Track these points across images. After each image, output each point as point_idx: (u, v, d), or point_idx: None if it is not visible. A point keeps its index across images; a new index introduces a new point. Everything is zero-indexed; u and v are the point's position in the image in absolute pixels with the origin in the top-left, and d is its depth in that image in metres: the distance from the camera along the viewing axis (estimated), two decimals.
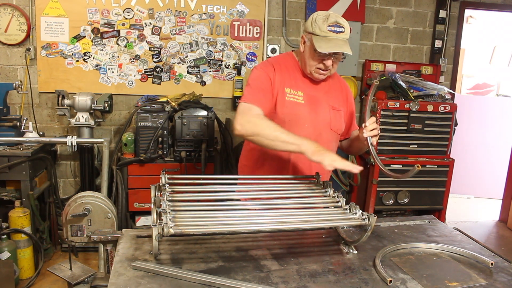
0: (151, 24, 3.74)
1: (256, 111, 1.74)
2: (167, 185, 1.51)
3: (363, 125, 1.73)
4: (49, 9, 3.57)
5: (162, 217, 1.26)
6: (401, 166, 3.62)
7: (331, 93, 1.96)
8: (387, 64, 4.10)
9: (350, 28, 1.84)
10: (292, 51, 1.99)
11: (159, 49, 3.80)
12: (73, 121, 3.35)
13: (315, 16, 1.80)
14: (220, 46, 3.89)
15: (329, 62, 1.80)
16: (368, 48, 4.17)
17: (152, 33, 3.76)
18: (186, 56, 3.85)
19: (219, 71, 3.93)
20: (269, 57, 3.93)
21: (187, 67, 3.87)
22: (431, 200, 3.75)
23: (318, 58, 1.79)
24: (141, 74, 3.81)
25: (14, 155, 2.96)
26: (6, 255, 2.80)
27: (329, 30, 1.74)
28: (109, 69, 3.75)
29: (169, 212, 1.29)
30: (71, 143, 3.21)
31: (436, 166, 3.68)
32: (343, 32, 1.75)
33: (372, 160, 1.73)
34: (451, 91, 3.92)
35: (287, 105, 1.85)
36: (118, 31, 3.71)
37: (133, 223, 3.41)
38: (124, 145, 3.34)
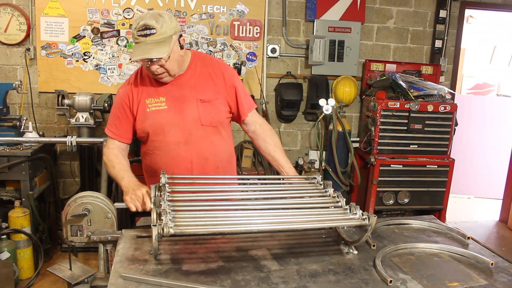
0: None
1: (112, 145, 1.89)
2: (167, 185, 1.51)
3: None
4: (49, 9, 3.56)
5: (162, 217, 1.26)
6: (401, 166, 3.62)
7: (198, 86, 1.84)
8: (387, 64, 4.09)
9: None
10: None
11: None
12: (73, 121, 3.34)
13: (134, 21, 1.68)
14: (220, 46, 3.89)
15: (153, 67, 1.69)
16: (368, 48, 4.17)
17: None
18: None
19: None
20: (269, 57, 3.98)
21: None
22: (431, 200, 3.74)
23: (146, 66, 1.69)
24: None
25: (14, 155, 2.96)
26: (6, 255, 2.80)
27: (139, 36, 1.64)
28: (109, 69, 3.74)
29: (169, 212, 1.29)
30: (71, 143, 3.21)
31: (436, 166, 3.67)
32: (154, 33, 1.62)
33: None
34: (451, 91, 3.92)
35: (150, 116, 1.82)
36: (118, 31, 3.71)
37: (133, 223, 3.40)
38: None
